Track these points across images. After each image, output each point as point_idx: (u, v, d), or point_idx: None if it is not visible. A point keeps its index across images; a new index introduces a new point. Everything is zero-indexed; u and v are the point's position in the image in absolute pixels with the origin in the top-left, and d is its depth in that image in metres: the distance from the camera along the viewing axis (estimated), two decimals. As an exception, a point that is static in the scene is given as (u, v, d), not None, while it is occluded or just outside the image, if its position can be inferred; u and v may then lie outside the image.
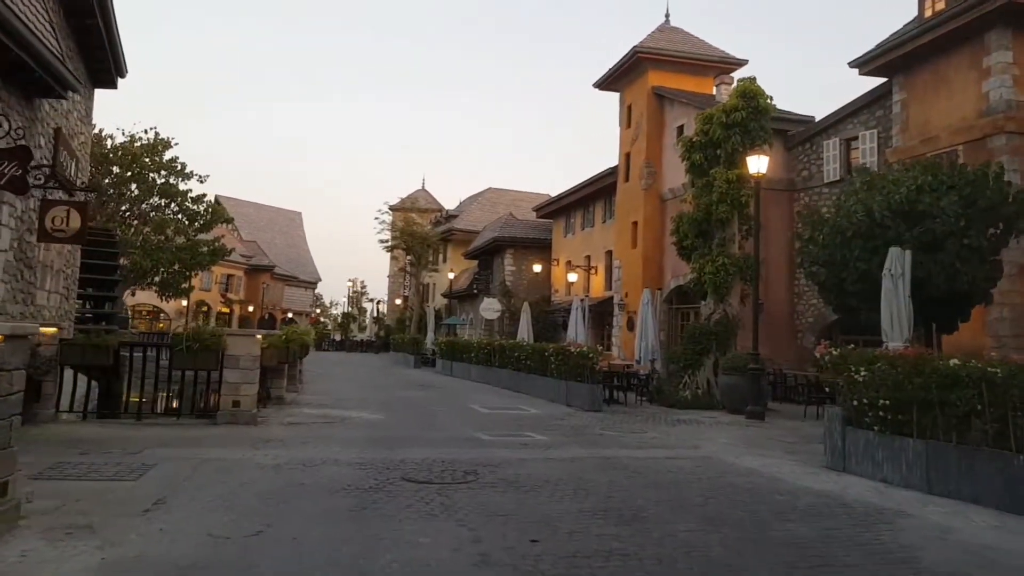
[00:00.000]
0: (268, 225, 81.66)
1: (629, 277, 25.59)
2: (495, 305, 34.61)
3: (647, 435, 12.05)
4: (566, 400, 16.66)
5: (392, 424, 12.27)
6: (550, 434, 11.67)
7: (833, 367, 9.39)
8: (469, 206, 52.09)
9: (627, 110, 27.09)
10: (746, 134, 17.91)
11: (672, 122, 24.84)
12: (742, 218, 18.45)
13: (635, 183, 25.75)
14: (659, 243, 24.68)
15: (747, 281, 18.23)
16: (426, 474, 7.84)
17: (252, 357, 11.34)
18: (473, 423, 12.79)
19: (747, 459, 9.82)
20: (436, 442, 10.41)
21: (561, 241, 35.60)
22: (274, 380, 14.23)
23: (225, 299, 60.56)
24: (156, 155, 35.37)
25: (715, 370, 17.84)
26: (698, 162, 18.60)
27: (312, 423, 11.86)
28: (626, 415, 15.10)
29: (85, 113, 16.08)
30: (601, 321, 30.13)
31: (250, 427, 10.98)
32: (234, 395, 11.25)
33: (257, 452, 8.92)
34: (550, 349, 17.87)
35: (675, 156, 24.30)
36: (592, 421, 13.80)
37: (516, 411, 15.21)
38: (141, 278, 35.30)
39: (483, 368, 23.95)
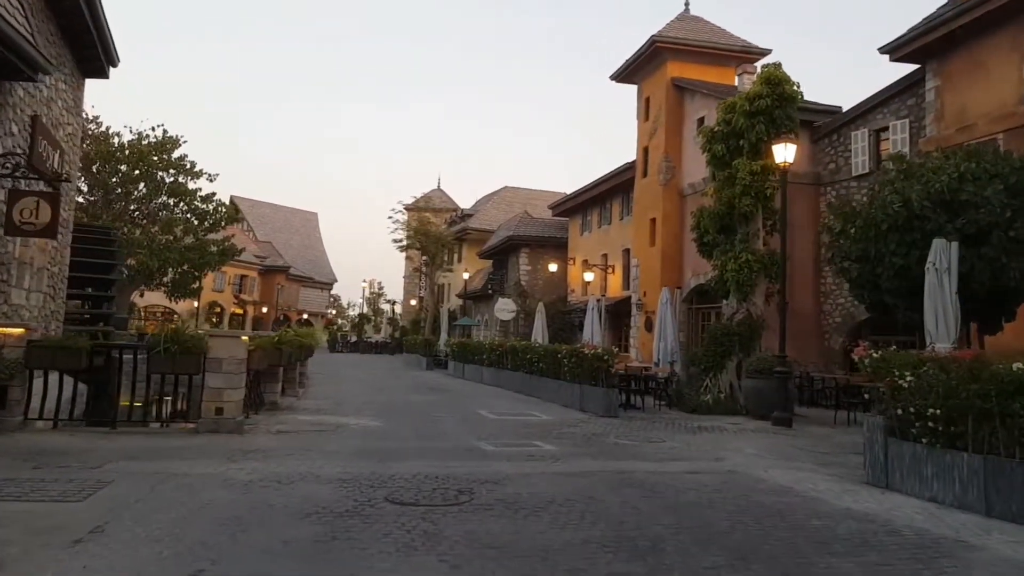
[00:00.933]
0: (284, 226, 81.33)
1: (647, 276, 24.59)
2: (510, 305, 33.74)
3: (666, 445, 11.08)
4: (580, 405, 15.71)
5: (390, 432, 11.38)
6: (560, 443, 10.73)
7: (874, 371, 8.38)
8: (484, 205, 51.23)
9: (645, 103, 26.08)
10: (771, 123, 16.87)
11: (692, 114, 23.80)
12: (767, 212, 17.41)
13: (653, 178, 24.75)
14: (678, 240, 23.66)
15: (772, 279, 17.19)
16: (414, 494, 6.94)
17: (237, 360, 10.50)
18: (478, 431, 11.88)
19: (776, 473, 8.82)
20: (434, 453, 9.51)
21: (577, 239, 34.63)
22: (268, 384, 13.40)
23: (238, 300, 60.11)
24: (164, 153, 34.88)
25: (738, 373, 16.81)
26: (720, 153, 17.58)
27: (303, 432, 11.00)
28: (643, 421, 14.13)
29: (73, 103, 15.35)
30: (618, 322, 29.15)
31: (233, 436, 10.14)
32: (217, 401, 10.41)
33: (232, 466, 8.07)
34: (563, 351, 16.93)
35: (695, 150, 23.25)
36: (607, 428, 12.85)
37: (526, 417, 14.29)
38: (149, 279, 34.78)
39: (495, 371, 23.04)
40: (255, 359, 11.18)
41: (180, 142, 35.82)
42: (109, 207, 33.38)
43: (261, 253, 67.00)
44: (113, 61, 16.25)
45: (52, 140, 13.28)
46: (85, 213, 32.74)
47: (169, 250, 33.72)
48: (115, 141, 33.59)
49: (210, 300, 57.33)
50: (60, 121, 14.39)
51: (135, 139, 34.22)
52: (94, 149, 32.57)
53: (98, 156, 32.56)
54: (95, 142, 33.08)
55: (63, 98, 14.45)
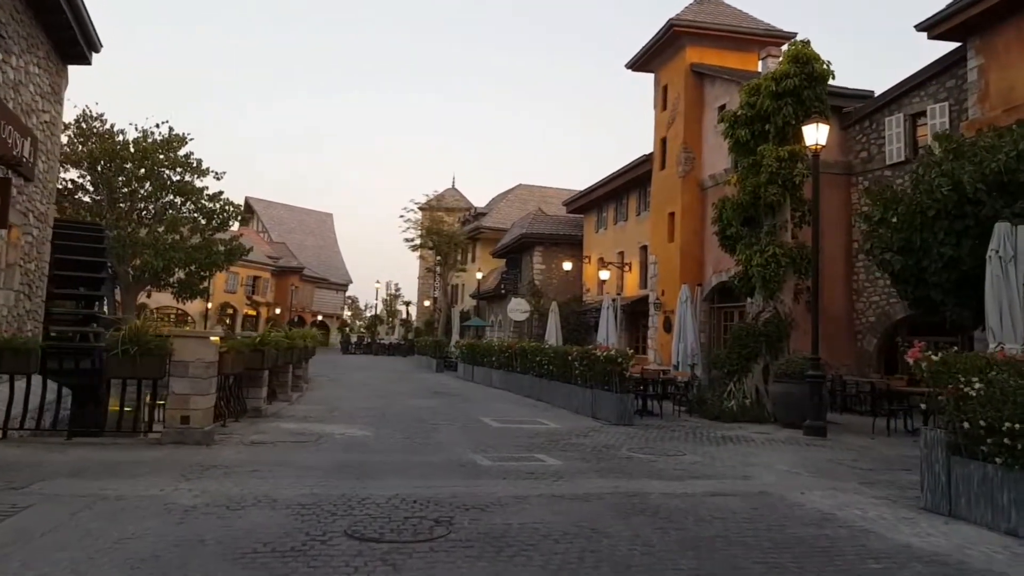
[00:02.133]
0: (299, 227, 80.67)
1: (665, 273, 23.30)
2: (523, 305, 32.54)
3: (685, 458, 9.83)
4: (592, 411, 14.49)
5: (377, 444, 10.23)
6: (566, 457, 9.53)
7: (932, 376, 7.11)
8: (498, 203, 50.05)
9: (662, 91, 24.79)
10: (799, 104, 15.56)
11: (713, 102, 22.50)
12: (795, 202, 16.10)
13: (671, 170, 23.46)
14: (699, 235, 22.35)
15: (802, 274, 15.89)
16: (381, 525, 5.77)
17: (205, 363, 9.41)
18: (476, 441, 10.70)
19: (816, 496, 7.56)
20: (420, 470, 8.34)
21: (592, 237, 33.37)
22: (251, 389, 12.31)
23: (251, 301, 59.35)
24: (170, 151, 34.08)
25: (765, 377, 15.52)
26: (743, 139, 16.28)
27: (280, 443, 9.88)
28: (661, 430, 12.88)
29: (50, 90, 14.37)
30: (636, 322, 27.87)
31: (200, 448, 9.04)
32: (182, 409, 9.32)
33: (182, 486, 6.96)
34: (574, 353, 15.70)
35: (716, 139, 21.97)
36: (620, 438, 11.62)
37: (532, 425, 13.08)
38: (155, 279, 33.98)
39: (504, 373, 21.86)
40: (228, 362, 10.08)
41: (186, 139, 35.04)
42: (114, 206, 32.62)
43: (274, 254, 66.25)
44: (95, 46, 15.28)
45: (20, 126, 12.28)
46: (90, 212, 32.07)
47: (175, 250, 32.90)
48: (120, 139, 32.83)
49: (222, 301, 56.65)
50: (33, 108, 13.40)
51: (140, 136, 33.46)
52: (98, 147, 31.85)
53: (103, 154, 31.80)
54: (100, 140, 32.37)
55: (36, 83, 13.46)
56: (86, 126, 32.32)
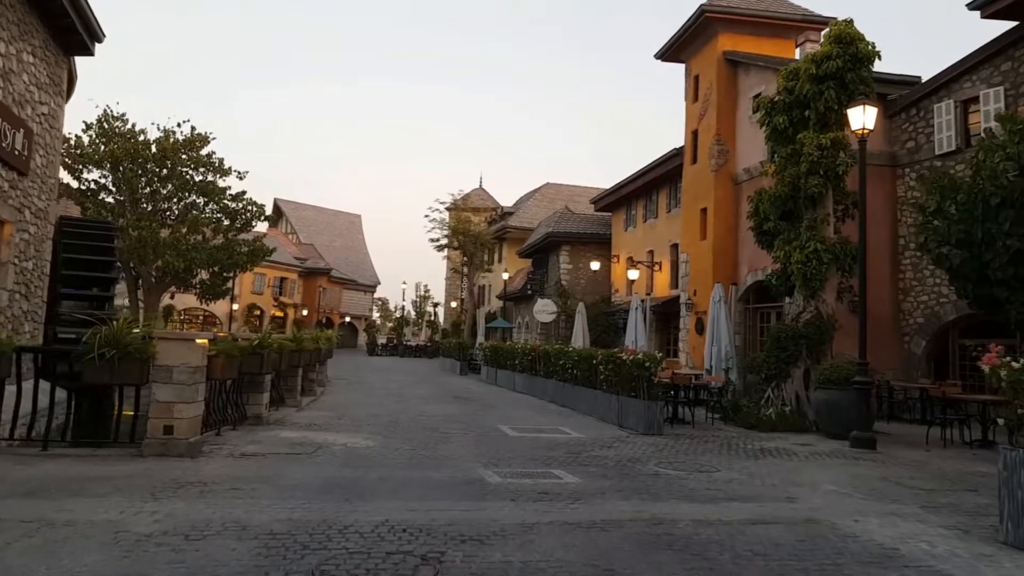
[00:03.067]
0: (327, 228, 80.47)
1: (698, 272, 22.18)
2: (549, 307, 31.57)
3: (720, 475, 8.81)
4: (618, 419, 13.50)
5: (379, 456, 9.36)
6: (586, 473, 8.57)
7: (1012, 387, 6.04)
8: (525, 203, 49.10)
9: (693, 82, 23.66)
10: (842, 88, 14.41)
11: (747, 91, 21.35)
12: (838, 194, 14.96)
13: (704, 164, 22.34)
14: (732, 232, 21.20)
15: (846, 271, 14.74)
16: (357, 563, 4.88)
17: (191, 368, 8.61)
18: (489, 454, 9.78)
19: (873, 524, 6.52)
20: (420, 489, 7.44)
21: (621, 235, 32.27)
22: (251, 395, 11.53)
23: (278, 303, 59.06)
24: (193, 151, 33.71)
25: (806, 382, 14.40)
26: (781, 126, 15.15)
27: (272, 455, 9.05)
28: (693, 441, 11.84)
29: (48, 80, 13.77)
30: (666, 324, 26.75)
31: (183, 461, 8.24)
32: (165, 418, 8.54)
33: (146, 507, 6.15)
34: (599, 356, 14.70)
35: (750, 131, 20.83)
36: (647, 450, 10.62)
37: (553, 435, 12.13)
38: (177, 280, 33.62)
39: (528, 377, 20.91)
40: (218, 367, 9.28)
41: (209, 138, 34.65)
42: (136, 206, 32.30)
43: (302, 255, 65.97)
44: (96, 36, 14.68)
45: (9, 116, 11.65)
46: (111, 212, 31.78)
47: (197, 250, 32.49)
48: (141, 138, 32.49)
49: (249, 303, 56.42)
50: (28, 99, 12.79)
51: (162, 136, 33.12)
52: (119, 147, 31.53)
53: (124, 154, 31.48)
54: (122, 140, 32.07)
55: (31, 73, 12.84)
56: (108, 126, 32.04)
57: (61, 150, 15.33)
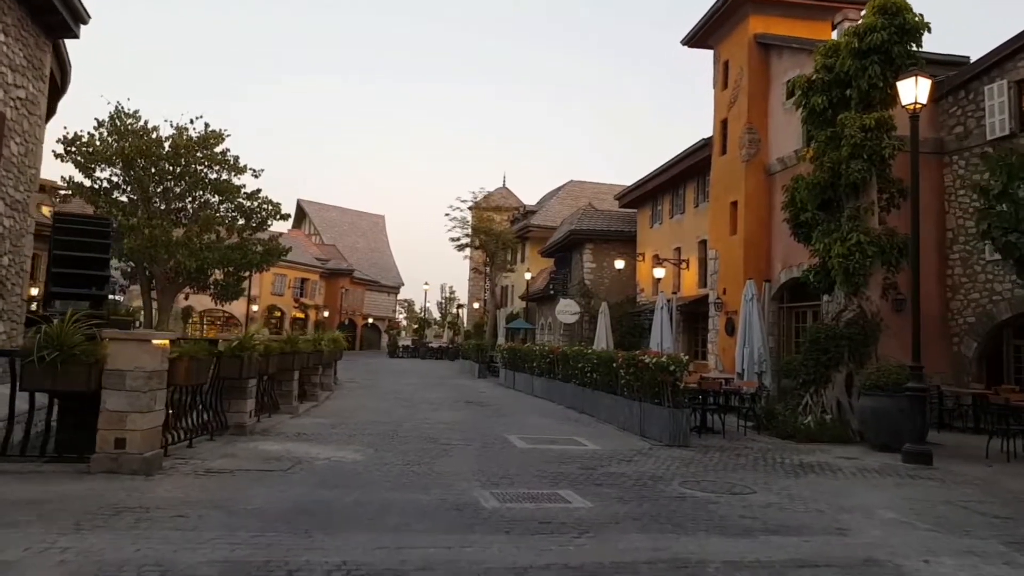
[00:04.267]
0: (351, 229, 79.98)
1: (728, 270, 20.84)
2: (572, 307, 30.32)
3: (756, 498, 7.56)
4: (640, 428, 12.27)
5: (364, 473, 8.24)
6: (599, 495, 7.37)
7: None
8: (548, 201, 47.88)
9: (722, 68, 22.32)
10: (888, 63, 13.06)
11: (780, 76, 19.97)
12: (883, 180, 13.61)
13: (734, 155, 21.00)
14: (765, 226, 19.84)
15: (892, 266, 13.40)
16: (281, 632, 3.74)
17: (146, 373, 7.55)
18: (491, 470, 8.62)
19: (947, 566, 5.27)
20: (400, 516, 6.30)
21: (647, 232, 30.93)
22: (232, 402, 10.47)
23: (299, 304, 58.39)
24: (207, 148, 32.98)
25: (848, 388, 13.06)
26: (820, 107, 13.83)
27: (243, 471, 7.97)
28: (723, 454, 10.58)
29: (27, 63, 12.89)
30: (694, 325, 25.40)
31: (134, 480, 7.19)
32: (117, 429, 7.49)
33: (60, 542, 5.10)
34: (619, 359, 13.47)
35: (784, 118, 19.47)
36: (672, 465, 9.39)
37: (566, 446, 10.94)
38: (190, 280, 32.88)
39: (546, 381, 19.71)
40: (182, 371, 8.22)
41: (223, 136, 33.90)
42: (149, 204, 31.62)
43: (323, 256, 65.34)
44: (81, 16, 13.80)
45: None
46: (123, 211, 31.13)
47: (210, 250, 31.71)
48: (154, 135, 31.81)
49: (269, 304, 55.80)
50: (1, 81, 11.89)
51: (175, 134, 32.42)
52: (132, 144, 30.86)
53: (135, 151, 30.79)
54: (135, 137, 31.41)
55: (4, 53, 11.94)
56: (120, 122, 31.39)
57: (42, 137, 14.51)
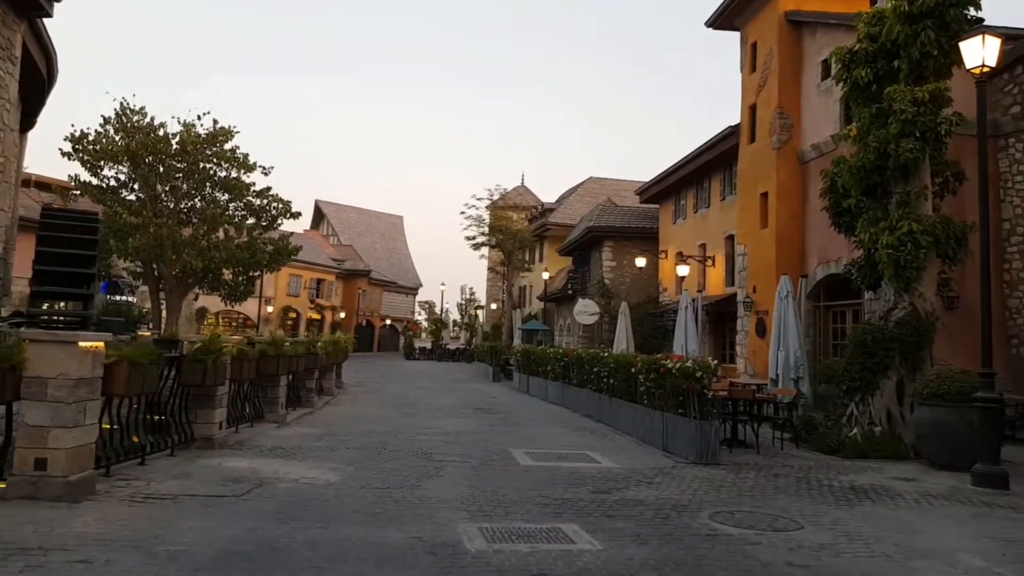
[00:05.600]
0: (368, 229, 79.05)
1: (758, 266, 19.35)
2: (591, 307, 28.89)
3: (805, 535, 6.17)
4: (663, 442, 10.88)
5: (333, 500, 6.94)
6: (611, 532, 6.02)
7: None
8: (567, 198, 46.47)
9: (750, 50, 20.84)
10: (943, 28, 11.55)
11: (814, 55, 18.46)
12: (936, 162, 12.11)
13: (764, 142, 19.51)
14: (798, 218, 18.34)
15: (948, 258, 11.89)
16: None
17: (72, 381, 6.34)
18: (485, 496, 7.30)
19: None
20: (358, 563, 5.01)
21: (670, 229, 29.43)
22: (199, 412, 9.25)
23: (315, 305, 57.41)
24: (216, 145, 32.02)
25: (899, 396, 11.58)
26: (864, 81, 12.34)
27: (189, 496, 6.72)
28: (759, 474, 9.17)
29: (-11, 40, 11.78)
30: (721, 326, 23.91)
31: (54, 508, 6.00)
32: (37, 448, 6.28)
33: None
34: (638, 363, 12.07)
35: (818, 101, 17.97)
36: (699, 489, 8.01)
37: (577, 463, 9.58)
38: (199, 280, 31.92)
39: (561, 386, 18.35)
40: (121, 379, 6.98)
41: (232, 132, 32.94)
42: (156, 202, 30.69)
43: (339, 256, 64.36)
44: (52, -8, 12.68)
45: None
46: (128, 209, 30.27)
47: (217, 249, 30.72)
48: (161, 132, 30.90)
49: (284, 305, 54.86)
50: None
51: (183, 130, 31.49)
52: (138, 141, 29.96)
53: (142, 148, 29.88)
54: (142, 134, 30.52)
55: (-41, 26, 10.85)
56: (126, 119, 30.50)
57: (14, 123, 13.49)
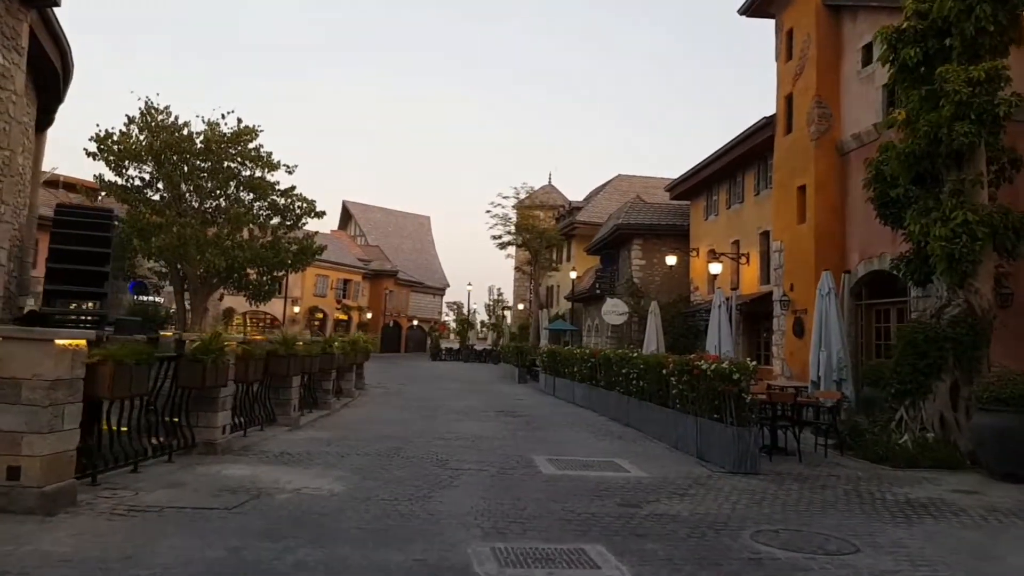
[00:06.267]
0: (396, 230, 78.79)
1: (795, 263, 18.44)
2: (619, 307, 28.07)
3: (862, 560, 5.42)
4: (697, 449, 10.13)
5: (332, 514, 6.33)
6: (641, 555, 5.33)
7: None
8: (595, 197, 45.61)
9: (786, 37, 19.93)
10: (1000, 1, 10.65)
11: (854, 41, 17.53)
12: (993, 148, 11.21)
13: (801, 133, 18.60)
14: (838, 212, 17.41)
15: (1007, 251, 11.00)
16: None
17: (48, 383, 5.80)
18: (502, 510, 6.64)
19: None
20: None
21: (701, 225, 28.50)
22: (201, 415, 8.71)
23: (341, 306, 57.14)
24: (240, 144, 31.76)
25: (953, 400, 10.71)
26: (912, 61, 11.46)
27: (177, 509, 6.16)
28: (804, 485, 8.40)
29: (-4, 32, 11.40)
30: (755, 326, 22.99)
31: (27, 522, 5.50)
32: (10, 455, 5.76)
33: None
34: (669, 364, 11.32)
35: (859, 89, 17.05)
36: (739, 503, 7.27)
37: (604, 472, 8.87)
38: (222, 280, 31.67)
39: (588, 388, 17.62)
40: (106, 380, 6.43)
41: (257, 131, 32.66)
42: (180, 201, 30.50)
43: (366, 256, 64.11)
44: (60, -20, 12.30)
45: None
46: (152, 209, 30.11)
47: (240, 249, 30.42)
48: (185, 131, 30.69)
49: (311, 305, 54.67)
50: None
51: (207, 129, 31.26)
52: (163, 140, 29.78)
53: (165, 147, 29.69)
54: (166, 133, 30.35)
55: (-42, 14, 10.45)
56: (150, 118, 30.34)
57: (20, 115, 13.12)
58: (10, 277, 15.06)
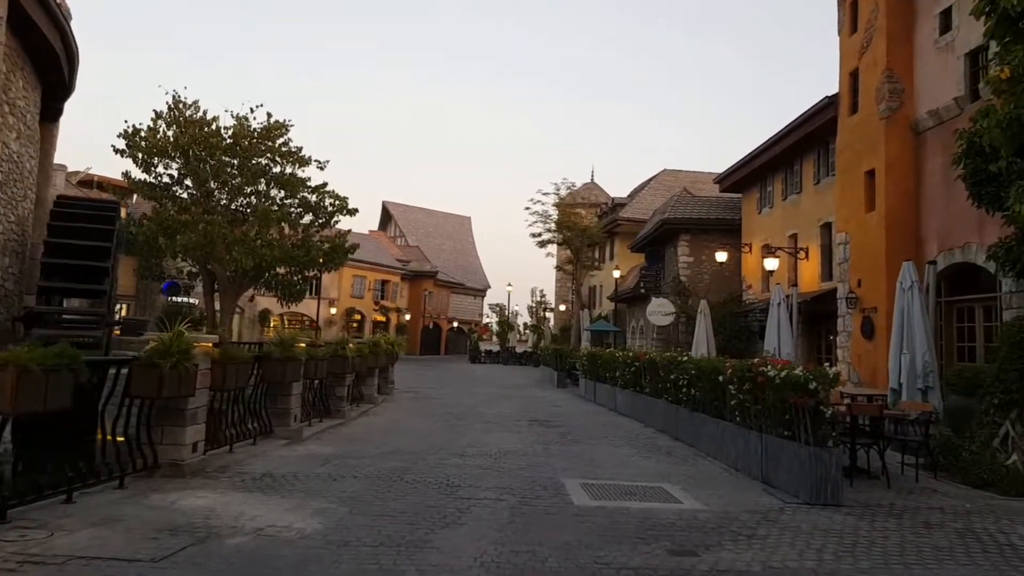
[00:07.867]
0: (436, 231, 77.83)
1: (862, 256, 16.52)
2: (665, 307, 26.33)
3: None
4: (762, 471, 8.45)
5: (294, 565, 4.88)
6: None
7: None
8: (639, 192, 43.71)
9: (849, 8, 18.02)
10: None
11: (930, 7, 15.59)
12: (1120, 111, 9.32)
13: (869, 112, 16.69)
14: (912, 198, 15.48)
15: None
16: None
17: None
18: (515, 560, 5.12)
19: None
20: None
21: (754, 219, 26.54)
22: (166, 430, 7.33)
23: (379, 306, 56.11)
24: (270, 140, 30.79)
25: (1074, 414, 8.86)
26: (1016, 10, 9.63)
27: (87, 559, 4.76)
28: (901, 522, 6.69)
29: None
30: (814, 326, 21.04)
31: None
32: None
33: None
34: (728, 370, 9.64)
35: (936, 59, 15.12)
36: (824, 553, 5.63)
37: (650, 503, 7.25)
38: (253, 280, 30.72)
39: (631, 395, 15.97)
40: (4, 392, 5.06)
41: (287, 126, 31.67)
42: (209, 198, 29.62)
43: (405, 257, 63.08)
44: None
45: None
46: (179, 206, 29.31)
47: (269, 247, 29.39)
48: (213, 127, 29.81)
49: (348, 306, 53.71)
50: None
51: (236, 124, 30.35)
52: (191, 136, 28.96)
53: (193, 142, 28.84)
54: (194, 128, 29.53)
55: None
56: (178, 112, 29.51)
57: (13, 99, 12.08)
58: (5, 273, 14.04)
